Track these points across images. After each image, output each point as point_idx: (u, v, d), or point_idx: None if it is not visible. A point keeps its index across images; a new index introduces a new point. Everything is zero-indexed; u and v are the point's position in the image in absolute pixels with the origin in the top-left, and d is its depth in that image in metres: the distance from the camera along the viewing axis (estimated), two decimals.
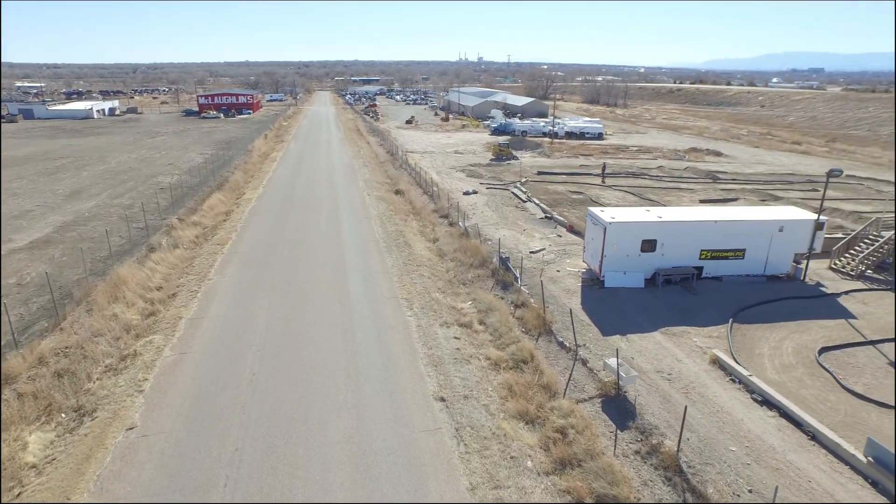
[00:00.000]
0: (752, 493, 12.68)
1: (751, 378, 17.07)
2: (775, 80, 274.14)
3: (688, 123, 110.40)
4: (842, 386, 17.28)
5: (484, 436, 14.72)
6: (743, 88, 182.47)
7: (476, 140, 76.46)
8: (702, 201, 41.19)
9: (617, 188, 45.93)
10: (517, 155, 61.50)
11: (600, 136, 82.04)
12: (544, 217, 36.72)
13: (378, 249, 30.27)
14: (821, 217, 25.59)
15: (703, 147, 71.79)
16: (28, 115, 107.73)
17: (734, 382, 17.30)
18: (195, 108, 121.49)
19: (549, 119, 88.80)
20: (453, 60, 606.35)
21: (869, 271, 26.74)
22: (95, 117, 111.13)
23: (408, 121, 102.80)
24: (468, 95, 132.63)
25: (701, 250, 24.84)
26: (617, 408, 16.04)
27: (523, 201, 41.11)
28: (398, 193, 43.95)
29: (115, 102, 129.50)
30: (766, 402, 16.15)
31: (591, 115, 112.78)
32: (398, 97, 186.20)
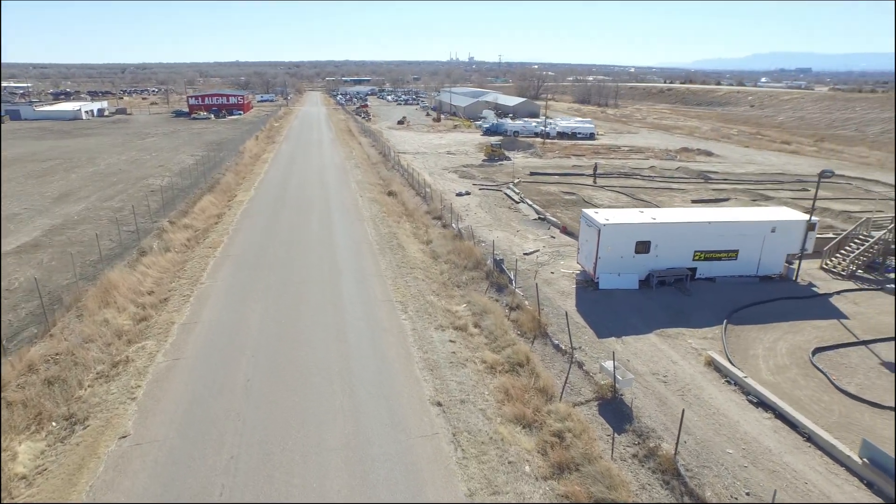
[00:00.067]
0: (750, 496, 12.72)
1: (746, 379, 17.14)
2: (764, 80, 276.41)
3: (678, 123, 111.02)
4: (835, 387, 17.39)
5: (481, 440, 14.65)
6: (732, 88, 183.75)
7: (468, 140, 76.44)
8: (694, 201, 41.42)
9: (609, 188, 46.08)
10: (509, 155, 61.57)
11: (592, 137, 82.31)
12: (538, 218, 36.74)
13: (371, 252, 30.14)
14: (812, 217, 25.82)
15: (694, 147, 72.18)
16: (14, 116, 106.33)
17: (729, 384, 17.36)
18: (185, 109, 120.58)
19: (541, 119, 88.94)
20: (444, 60, 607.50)
21: (860, 271, 26.99)
22: (84, 118, 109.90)
23: (399, 121, 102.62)
24: (459, 96, 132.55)
25: (694, 251, 24.94)
26: (613, 411, 16.04)
27: (516, 202, 41.12)
28: (391, 195, 43.80)
29: (104, 103, 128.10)
30: (762, 404, 16.21)
31: (583, 115, 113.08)
32: (389, 97, 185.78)
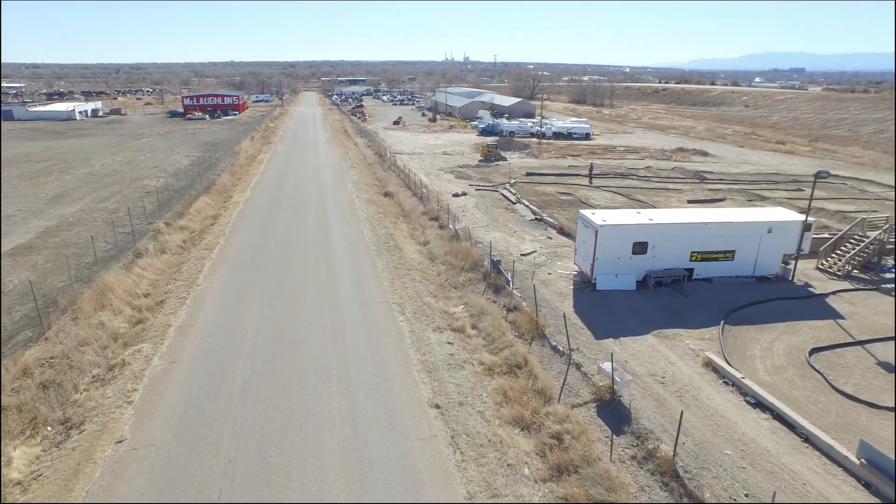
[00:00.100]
0: (749, 498, 12.73)
1: (743, 380, 17.17)
2: (758, 80, 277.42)
3: (673, 123, 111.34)
4: (832, 387, 17.45)
5: (480, 443, 14.62)
6: (727, 88, 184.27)
7: (464, 141, 76.42)
8: (690, 202, 41.51)
9: (606, 189, 46.15)
10: (505, 156, 61.55)
11: (588, 137, 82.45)
12: (534, 219, 36.74)
13: (368, 253, 30.07)
14: (808, 218, 25.90)
15: (690, 147, 72.41)
16: (7, 117, 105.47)
17: (727, 385, 17.38)
18: (180, 110, 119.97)
19: (537, 119, 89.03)
20: (440, 60, 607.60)
21: (855, 271, 27.11)
22: (78, 119, 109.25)
23: (395, 122, 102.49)
24: (455, 96, 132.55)
25: (691, 252, 24.99)
26: (612, 412, 16.04)
27: (513, 203, 41.12)
28: (387, 196, 43.73)
29: (98, 103, 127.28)
30: (760, 405, 16.25)
31: (578, 115, 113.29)
32: (385, 98, 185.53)
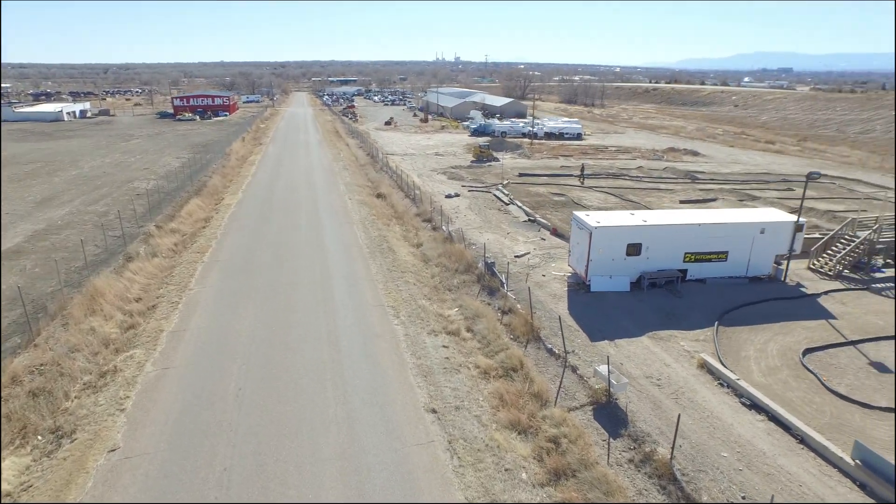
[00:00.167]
0: (746, 500, 12.77)
1: (738, 382, 17.24)
2: (747, 80, 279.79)
3: (664, 123, 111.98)
4: (826, 388, 17.56)
5: (477, 448, 14.57)
6: (717, 88, 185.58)
7: (456, 141, 76.40)
8: (682, 202, 41.72)
9: (598, 189, 46.28)
10: (497, 156, 61.62)
11: (579, 137, 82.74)
12: (527, 220, 36.76)
13: (362, 255, 29.94)
14: (800, 219, 26.09)
15: (681, 147, 72.82)
16: None
17: (722, 386, 17.45)
18: (170, 111, 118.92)
19: (529, 119, 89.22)
20: (430, 60, 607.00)
21: (846, 271, 27.34)
22: (66, 120, 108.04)
23: (387, 122, 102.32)
24: (446, 96, 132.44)
25: (685, 253, 25.08)
26: (608, 415, 16.05)
27: (506, 204, 41.13)
28: (380, 197, 43.60)
29: (87, 104, 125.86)
30: (755, 406, 16.32)
31: (569, 115, 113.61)
32: (376, 98, 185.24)
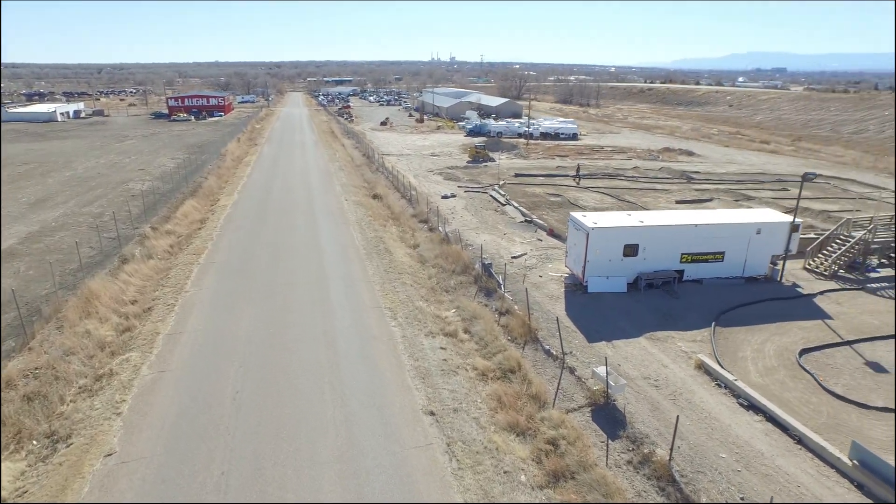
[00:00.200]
0: (745, 501, 12.79)
1: (736, 382, 17.28)
2: (741, 80, 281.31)
3: (659, 123, 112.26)
4: (823, 388, 17.62)
5: (476, 450, 14.55)
6: (711, 88, 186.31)
7: (451, 142, 76.34)
8: (678, 202, 41.81)
9: (594, 189, 46.33)
10: (493, 157, 61.56)
11: (575, 137, 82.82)
12: (524, 221, 36.76)
13: (358, 256, 29.87)
14: (796, 219, 26.19)
15: (676, 147, 72.98)
16: None
17: (720, 387, 17.48)
18: (164, 111, 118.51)
19: (524, 120, 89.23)
20: (426, 60, 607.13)
21: (841, 271, 27.46)
22: (59, 120, 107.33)
23: (382, 122, 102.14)
24: (442, 96, 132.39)
25: (682, 254, 25.13)
26: (607, 416, 16.05)
27: (502, 204, 41.12)
28: (376, 198, 43.52)
29: (81, 105, 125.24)
30: (752, 407, 16.35)
31: (565, 115, 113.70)
32: (371, 98, 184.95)
